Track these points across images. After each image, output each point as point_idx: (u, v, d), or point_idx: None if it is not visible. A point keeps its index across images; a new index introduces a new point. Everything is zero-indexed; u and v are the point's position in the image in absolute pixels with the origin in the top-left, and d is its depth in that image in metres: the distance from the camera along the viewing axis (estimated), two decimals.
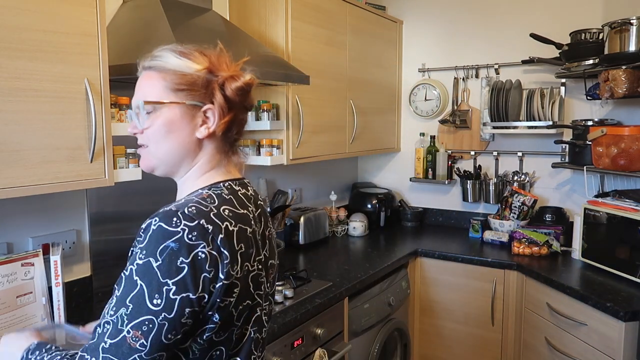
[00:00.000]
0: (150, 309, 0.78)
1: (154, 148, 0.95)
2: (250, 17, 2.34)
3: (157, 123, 0.93)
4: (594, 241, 2.30)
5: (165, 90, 0.93)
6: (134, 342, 0.77)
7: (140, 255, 0.80)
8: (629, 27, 2.16)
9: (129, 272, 0.80)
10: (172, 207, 0.85)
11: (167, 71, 0.93)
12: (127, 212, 1.99)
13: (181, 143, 0.94)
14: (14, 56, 1.27)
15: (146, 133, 0.94)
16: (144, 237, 0.81)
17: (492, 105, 2.82)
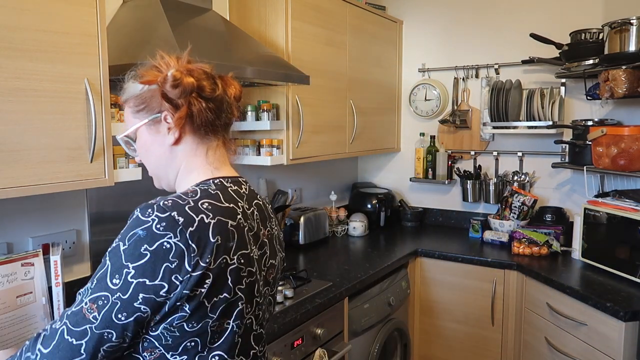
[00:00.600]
0: (108, 286, 0.83)
1: (149, 168, 1.05)
2: (250, 17, 2.34)
3: (138, 149, 1.04)
4: (594, 241, 2.30)
5: (131, 117, 1.01)
6: (88, 313, 0.83)
7: (116, 239, 0.87)
8: (629, 27, 2.16)
9: (106, 255, 0.87)
10: (156, 202, 0.90)
11: (129, 99, 1.01)
12: (127, 212, 1.98)
13: (159, 156, 1.02)
14: (14, 56, 1.27)
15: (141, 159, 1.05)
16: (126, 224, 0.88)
17: (492, 105, 2.82)
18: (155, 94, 0.97)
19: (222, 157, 1.04)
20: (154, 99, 0.97)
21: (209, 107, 0.98)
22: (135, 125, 1.01)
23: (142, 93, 0.98)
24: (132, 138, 1.03)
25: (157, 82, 0.96)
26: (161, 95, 0.96)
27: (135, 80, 0.99)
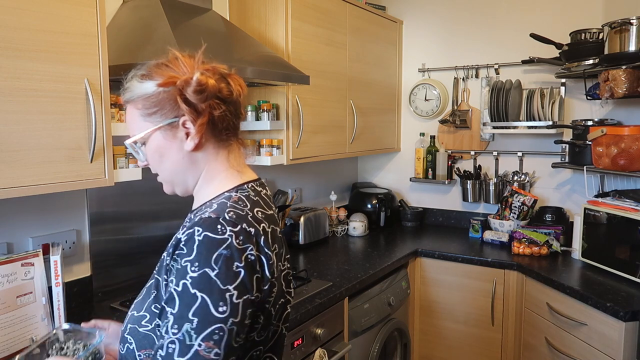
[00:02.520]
0: (217, 317, 0.78)
1: (161, 174, 0.98)
2: (250, 17, 2.34)
3: (149, 154, 0.96)
4: (594, 241, 2.30)
5: (141, 120, 0.94)
6: (207, 352, 0.77)
7: (191, 267, 0.79)
8: (629, 27, 2.16)
9: (182, 287, 0.79)
10: (209, 214, 0.85)
11: (137, 99, 0.93)
12: (127, 212, 1.99)
13: (176, 162, 0.95)
14: (14, 56, 1.27)
15: (150, 164, 0.98)
16: (190, 249, 0.80)
17: (492, 105, 2.82)
18: (172, 96, 0.90)
19: (242, 160, 1.00)
20: (170, 102, 0.90)
21: (229, 110, 0.94)
22: (147, 129, 0.92)
23: (154, 94, 0.91)
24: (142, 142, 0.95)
25: (176, 84, 0.89)
26: (182, 99, 0.89)
27: (143, 79, 0.92)
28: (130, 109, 0.95)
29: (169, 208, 2.15)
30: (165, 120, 0.91)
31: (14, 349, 1.45)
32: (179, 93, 0.89)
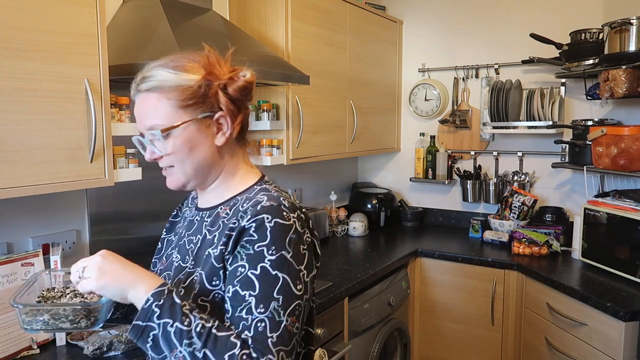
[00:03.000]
0: (297, 294, 0.87)
1: (180, 167, 0.96)
2: (250, 17, 2.34)
3: (177, 145, 0.94)
4: (594, 241, 2.30)
5: (174, 110, 0.93)
6: (292, 327, 0.85)
7: (268, 252, 0.86)
8: (629, 27, 2.16)
9: (261, 270, 0.86)
10: (268, 202, 0.91)
11: (168, 89, 0.92)
12: (127, 212, 1.99)
13: (205, 156, 0.97)
14: (14, 56, 1.27)
15: (167, 157, 0.96)
16: (263, 235, 0.87)
17: (492, 105, 2.82)
18: (213, 91, 0.93)
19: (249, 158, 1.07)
20: (210, 96, 0.93)
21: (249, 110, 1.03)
22: (181, 120, 0.93)
23: (193, 87, 0.92)
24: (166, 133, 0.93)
25: (221, 80, 0.93)
26: (224, 95, 0.94)
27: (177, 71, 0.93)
28: (157, 97, 0.93)
29: (169, 208, 2.14)
30: (202, 113, 0.93)
31: (14, 349, 1.45)
32: (222, 89, 0.94)
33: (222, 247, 0.91)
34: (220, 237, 0.93)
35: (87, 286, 0.85)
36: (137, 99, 0.96)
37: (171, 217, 1.19)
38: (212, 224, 0.98)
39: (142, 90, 0.94)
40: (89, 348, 1.44)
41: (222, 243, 0.91)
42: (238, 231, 0.89)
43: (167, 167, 0.98)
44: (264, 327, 0.83)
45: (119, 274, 0.86)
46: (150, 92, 0.93)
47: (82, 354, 1.45)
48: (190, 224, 1.06)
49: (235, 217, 0.92)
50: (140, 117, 0.95)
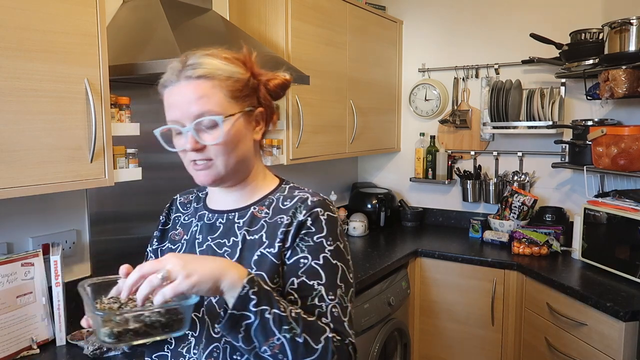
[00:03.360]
0: (351, 282, 0.95)
1: (224, 160, 0.93)
2: (250, 17, 2.34)
3: (229, 135, 0.91)
4: (594, 241, 2.30)
5: (226, 100, 0.91)
6: (350, 312, 0.92)
7: (327, 242, 0.92)
8: (629, 27, 2.16)
9: (323, 260, 0.91)
10: (315, 197, 0.96)
11: (222, 79, 0.91)
12: (127, 212, 1.99)
13: (246, 150, 0.96)
14: (14, 56, 1.27)
15: (212, 147, 0.91)
16: (319, 227, 0.93)
17: (492, 105, 2.82)
18: (257, 87, 0.96)
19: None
20: (255, 91, 0.95)
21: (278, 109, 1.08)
22: (235, 110, 0.92)
23: (245, 80, 0.94)
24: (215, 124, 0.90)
25: (263, 76, 0.97)
26: (265, 91, 0.97)
27: (228, 62, 0.93)
28: (211, 85, 0.90)
29: None
30: (248, 106, 0.95)
31: (14, 349, 1.45)
32: (264, 85, 0.96)
33: (279, 244, 0.92)
34: (273, 236, 0.94)
35: (179, 288, 0.75)
36: (181, 86, 0.91)
37: (160, 226, 1.13)
38: (250, 224, 0.97)
39: (192, 76, 0.90)
40: (89, 348, 1.44)
41: (279, 240, 0.93)
42: (296, 226, 0.92)
43: (203, 159, 0.92)
44: (338, 313, 0.88)
45: (206, 266, 0.79)
46: (202, 79, 0.90)
47: (82, 354, 1.46)
48: (211, 227, 1.01)
49: (282, 215, 0.95)
50: (186, 104, 0.90)
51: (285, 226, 0.93)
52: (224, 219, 1.01)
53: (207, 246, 1.00)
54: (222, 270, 0.79)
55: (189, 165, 0.96)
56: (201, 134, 0.91)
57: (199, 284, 0.76)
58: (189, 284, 0.76)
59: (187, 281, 0.76)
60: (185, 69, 0.91)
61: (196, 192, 1.14)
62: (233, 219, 1.00)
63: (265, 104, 0.97)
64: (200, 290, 0.77)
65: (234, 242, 0.97)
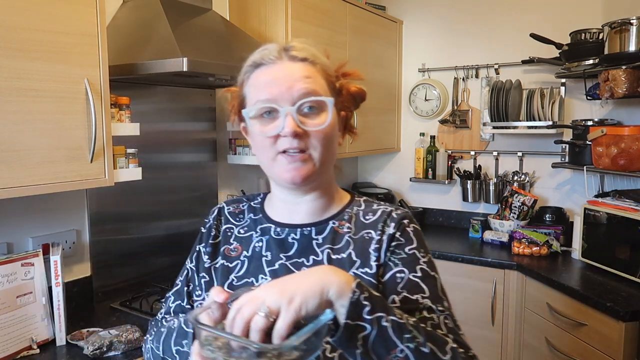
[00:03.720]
0: (445, 293, 0.87)
1: (320, 153, 0.83)
2: (250, 17, 2.34)
3: (332, 123, 0.83)
4: (594, 241, 2.30)
5: (329, 89, 0.86)
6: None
7: (420, 254, 0.85)
8: (629, 27, 2.16)
9: (422, 272, 0.84)
10: (398, 210, 0.89)
11: (324, 67, 0.87)
12: (127, 212, 1.99)
13: (335, 149, 0.88)
14: (14, 56, 1.27)
15: (313, 135, 0.81)
16: (408, 239, 0.86)
17: (492, 105, 2.82)
18: (341, 89, 0.89)
19: None
20: (340, 93, 0.89)
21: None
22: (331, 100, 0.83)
23: (333, 75, 0.89)
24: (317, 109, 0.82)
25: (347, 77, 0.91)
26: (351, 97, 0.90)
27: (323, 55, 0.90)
28: (315, 69, 0.85)
29: (169, 208, 2.15)
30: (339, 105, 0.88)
31: (14, 349, 1.45)
32: (347, 89, 0.90)
33: (375, 262, 0.84)
34: (365, 254, 0.85)
35: (288, 319, 0.63)
36: (284, 64, 0.84)
37: (211, 240, 0.96)
38: (333, 241, 0.87)
39: (298, 57, 0.84)
40: (89, 348, 1.44)
41: (374, 259, 0.84)
42: (387, 240, 0.85)
43: (297, 150, 0.81)
44: (452, 324, 0.82)
45: (304, 283, 0.67)
46: (308, 62, 0.85)
47: (82, 354, 1.45)
48: (282, 243, 0.89)
49: (368, 230, 0.87)
50: (290, 81, 0.81)
51: (376, 242, 0.85)
52: (298, 235, 0.89)
53: (280, 265, 0.87)
54: (325, 279, 0.67)
55: (273, 157, 0.83)
56: (301, 118, 0.81)
57: (305, 304, 0.65)
58: (295, 309, 0.64)
59: (292, 307, 0.64)
60: (288, 50, 0.86)
61: (247, 201, 1.00)
62: (310, 234, 0.88)
63: (347, 109, 0.90)
64: (309, 310, 0.65)
65: (315, 261, 0.86)
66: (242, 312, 0.64)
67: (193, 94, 2.26)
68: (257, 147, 0.87)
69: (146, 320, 1.70)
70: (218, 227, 0.97)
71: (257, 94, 0.83)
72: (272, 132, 0.81)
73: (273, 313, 0.64)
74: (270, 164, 0.85)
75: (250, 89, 0.86)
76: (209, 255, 0.95)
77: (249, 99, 0.86)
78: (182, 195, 2.21)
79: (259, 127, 0.83)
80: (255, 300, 0.65)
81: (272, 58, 0.85)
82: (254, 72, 0.86)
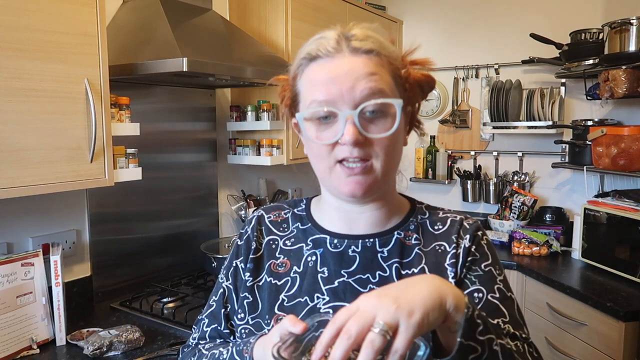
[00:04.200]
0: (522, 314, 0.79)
1: (383, 162, 0.72)
2: (250, 17, 2.34)
3: (394, 130, 0.72)
4: (594, 241, 2.30)
5: (396, 85, 0.74)
6: None
7: (496, 271, 0.77)
8: (629, 27, 2.16)
9: (499, 293, 0.75)
10: (469, 219, 0.82)
11: (392, 59, 0.74)
12: (127, 212, 1.99)
13: (401, 153, 0.79)
14: (14, 56, 1.27)
15: (378, 143, 0.71)
16: (484, 253, 0.78)
17: (492, 105, 2.82)
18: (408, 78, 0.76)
19: None
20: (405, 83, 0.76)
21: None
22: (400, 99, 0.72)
23: (400, 65, 0.76)
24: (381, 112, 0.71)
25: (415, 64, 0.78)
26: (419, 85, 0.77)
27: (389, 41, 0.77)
28: (380, 63, 0.73)
29: (169, 208, 2.15)
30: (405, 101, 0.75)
31: (14, 349, 1.45)
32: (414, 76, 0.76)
33: (452, 279, 0.75)
34: (440, 268, 0.76)
35: (409, 335, 0.53)
36: (344, 58, 0.71)
37: (252, 254, 0.84)
38: (401, 255, 0.78)
39: (361, 49, 0.71)
40: (89, 348, 1.44)
41: (452, 275, 0.76)
42: (464, 254, 0.77)
43: (358, 159, 0.71)
44: (536, 353, 0.72)
45: (420, 292, 0.57)
46: (373, 54, 0.72)
47: (82, 354, 1.45)
48: (342, 257, 0.79)
49: (440, 242, 0.78)
50: (352, 81, 0.69)
51: (452, 256, 0.77)
52: (359, 247, 0.79)
53: (340, 283, 0.76)
54: (440, 289, 0.58)
55: (331, 167, 0.73)
56: (364, 123, 0.70)
57: (427, 317, 0.55)
58: (418, 323, 0.54)
59: (413, 321, 0.53)
60: (349, 39, 0.72)
61: (289, 208, 0.89)
62: (373, 247, 0.78)
63: (413, 102, 0.79)
64: (430, 324, 0.56)
65: (382, 277, 0.76)
66: (348, 330, 0.53)
67: (193, 94, 2.26)
68: (312, 153, 0.76)
69: (146, 320, 1.70)
70: (259, 238, 0.86)
71: (313, 93, 0.71)
72: (329, 139, 0.71)
73: (392, 329, 0.53)
74: (326, 174, 0.74)
75: (305, 85, 0.74)
76: (250, 272, 0.83)
77: (303, 97, 0.75)
78: (182, 195, 2.21)
79: (314, 132, 0.72)
80: (364, 315, 0.53)
81: (330, 50, 0.71)
82: (309, 65, 0.74)
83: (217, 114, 2.39)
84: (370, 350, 0.51)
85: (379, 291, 0.57)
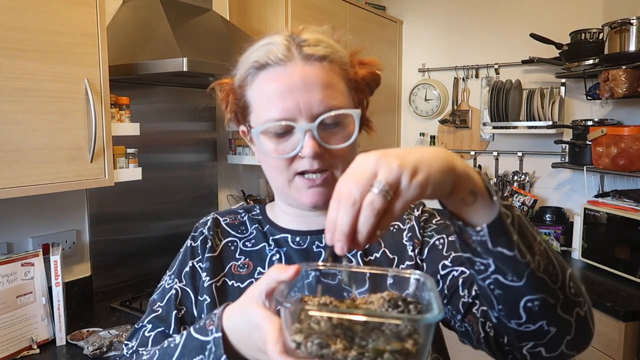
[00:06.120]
0: None
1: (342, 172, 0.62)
2: (250, 17, 2.34)
3: (353, 140, 0.70)
4: (594, 241, 2.29)
5: (349, 92, 0.73)
6: None
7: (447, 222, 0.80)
8: (629, 27, 2.16)
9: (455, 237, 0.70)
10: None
11: (343, 64, 0.73)
12: (127, 212, 1.99)
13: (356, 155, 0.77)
14: (14, 56, 1.27)
15: (337, 153, 0.70)
16: (432, 212, 0.83)
17: (492, 105, 2.82)
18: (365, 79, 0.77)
19: None
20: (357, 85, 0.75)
21: None
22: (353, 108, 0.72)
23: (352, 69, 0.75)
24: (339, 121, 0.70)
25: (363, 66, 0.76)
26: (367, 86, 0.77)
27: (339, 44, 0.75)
28: (333, 71, 0.71)
29: (169, 208, 2.15)
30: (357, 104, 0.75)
31: (14, 349, 1.45)
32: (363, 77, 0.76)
33: (411, 252, 0.77)
34: (400, 247, 0.78)
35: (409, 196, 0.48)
36: (296, 67, 0.69)
37: (208, 252, 0.82)
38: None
39: (314, 56, 0.69)
40: (89, 348, 1.44)
41: (410, 249, 0.77)
42: (416, 222, 0.79)
43: (318, 170, 0.70)
44: None
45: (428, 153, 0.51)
46: (326, 61, 0.70)
47: (82, 354, 1.45)
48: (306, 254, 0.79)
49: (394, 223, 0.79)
50: (308, 93, 0.68)
51: (408, 231, 0.79)
52: (323, 242, 0.78)
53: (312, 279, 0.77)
54: (446, 153, 0.52)
55: (289, 179, 0.72)
56: (322, 134, 0.69)
57: (433, 178, 0.49)
58: (421, 183, 0.48)
59: (415, 181, 0.48)
60: (301, 45, 0.69)
61: (245, 212, 0.87)
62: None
63: (362, 101, 0.78)
64: (435, 187, 0.50)
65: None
66: (350, 195, 0.47)
67: (193, 94, 2.26)
68: (268, 166, 0.74)
69: None
70: (215, 239, 0.83)
71: (270, 109, 0.69)
72: (288, 152, 0.69)
73: (393, 188, 0.47)
74: (285, 186, 0.73)
75: (257, 97, 0.72)
76: (207, 272, 0.80)
77: (256, 109, 0.72)
78: (182, 195, 2.21)
79: (272, 145, 0.70)
80: (364, 173, 0.48)
81: (281, 57, 0.69)
82: (258, 74, 0.71)
83: (217, 114, 2.39)
84: (370, 214, 0.46)
85: (380, 150, 0.51)
